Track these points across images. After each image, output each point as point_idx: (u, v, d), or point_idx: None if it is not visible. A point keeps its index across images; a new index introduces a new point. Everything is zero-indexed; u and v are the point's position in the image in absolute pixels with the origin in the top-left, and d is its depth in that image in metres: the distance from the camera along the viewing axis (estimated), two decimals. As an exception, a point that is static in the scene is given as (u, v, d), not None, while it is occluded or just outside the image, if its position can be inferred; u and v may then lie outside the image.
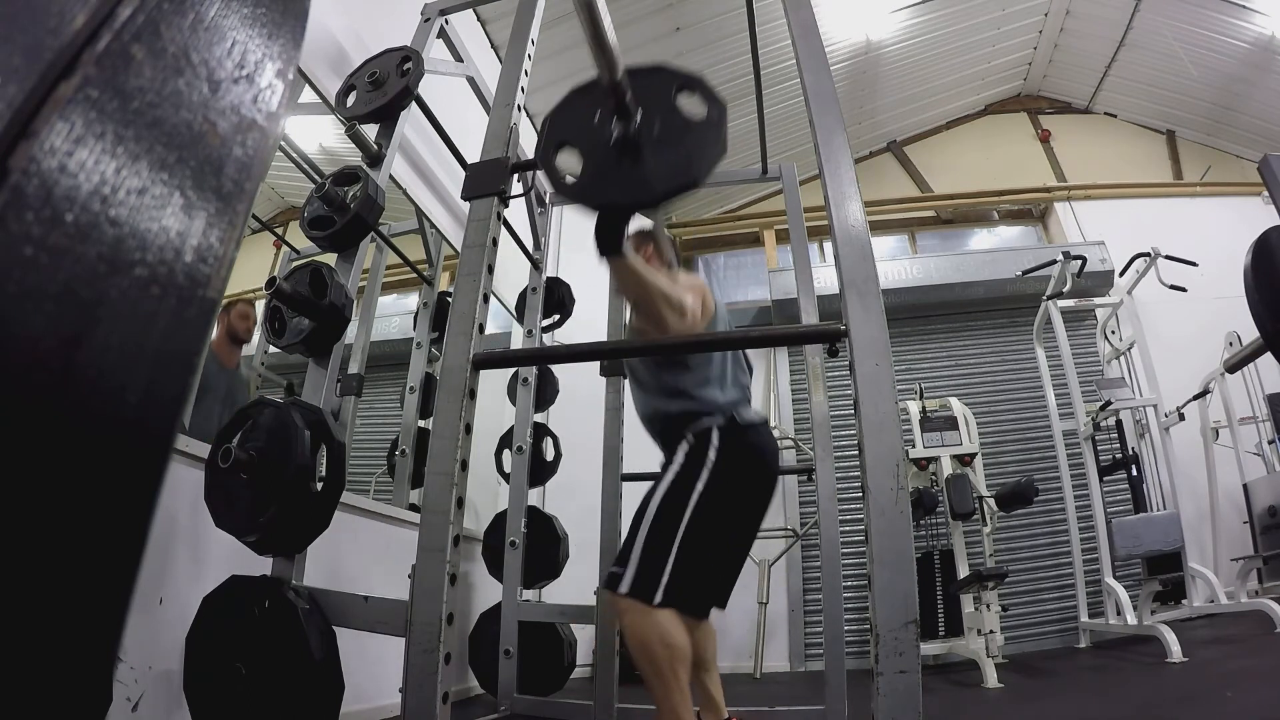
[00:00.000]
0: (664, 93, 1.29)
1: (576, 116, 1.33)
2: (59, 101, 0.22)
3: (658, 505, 1.51)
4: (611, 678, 2.18)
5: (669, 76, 1.31)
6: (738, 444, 1.58)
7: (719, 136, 1.21)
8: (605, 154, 1.27)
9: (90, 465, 0.24)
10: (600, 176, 1.27)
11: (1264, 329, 1.17)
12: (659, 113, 1.26)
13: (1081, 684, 2.79)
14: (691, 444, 1.58)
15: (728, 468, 1.54)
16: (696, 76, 1.31)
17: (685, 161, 1.21)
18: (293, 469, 1.39)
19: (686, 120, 1.25)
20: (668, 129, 1.25)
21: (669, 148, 1.23)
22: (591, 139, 1.29)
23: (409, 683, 1.08)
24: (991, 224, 5.90)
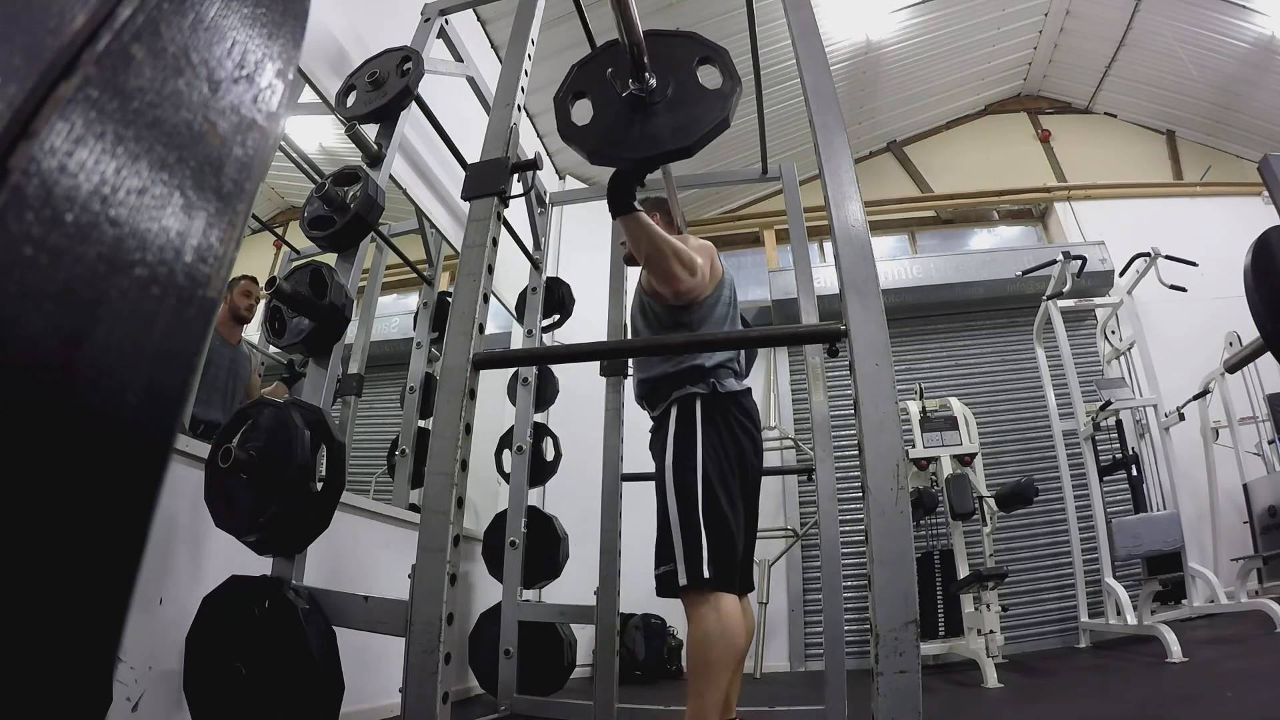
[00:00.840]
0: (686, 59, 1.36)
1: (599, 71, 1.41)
2: (59, 101, 0.22)
3: (673, 485, 1.55)
4: (611, 678, 2.17)
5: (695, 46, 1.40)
6: (720, 407, 1.64)
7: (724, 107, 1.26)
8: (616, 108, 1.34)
9: (90, 465, 0.24)
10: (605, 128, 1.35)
11: (1264, 329, 1.17)
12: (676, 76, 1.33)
13: (1081, 684, 2.79)
14: (679, 409, 1.64)
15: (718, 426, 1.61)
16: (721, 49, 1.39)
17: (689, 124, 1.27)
18: (293, 469, 1.39)
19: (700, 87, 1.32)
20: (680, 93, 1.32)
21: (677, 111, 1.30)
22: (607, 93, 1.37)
23: (409, 683, 1.08)
24: (991, 224, 5.90)
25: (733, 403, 1.67)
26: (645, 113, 1.31)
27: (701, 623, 1.44)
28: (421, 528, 1.15)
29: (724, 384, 1.67)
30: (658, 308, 1.75)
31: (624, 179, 1.44)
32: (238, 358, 2.76)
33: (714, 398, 1.64)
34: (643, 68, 1.28)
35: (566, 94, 1.41)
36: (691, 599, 1.46)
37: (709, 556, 1.46)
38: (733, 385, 1.69)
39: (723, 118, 1.27)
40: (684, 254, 1.58)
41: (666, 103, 1.31)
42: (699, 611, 1.45)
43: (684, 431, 1.61)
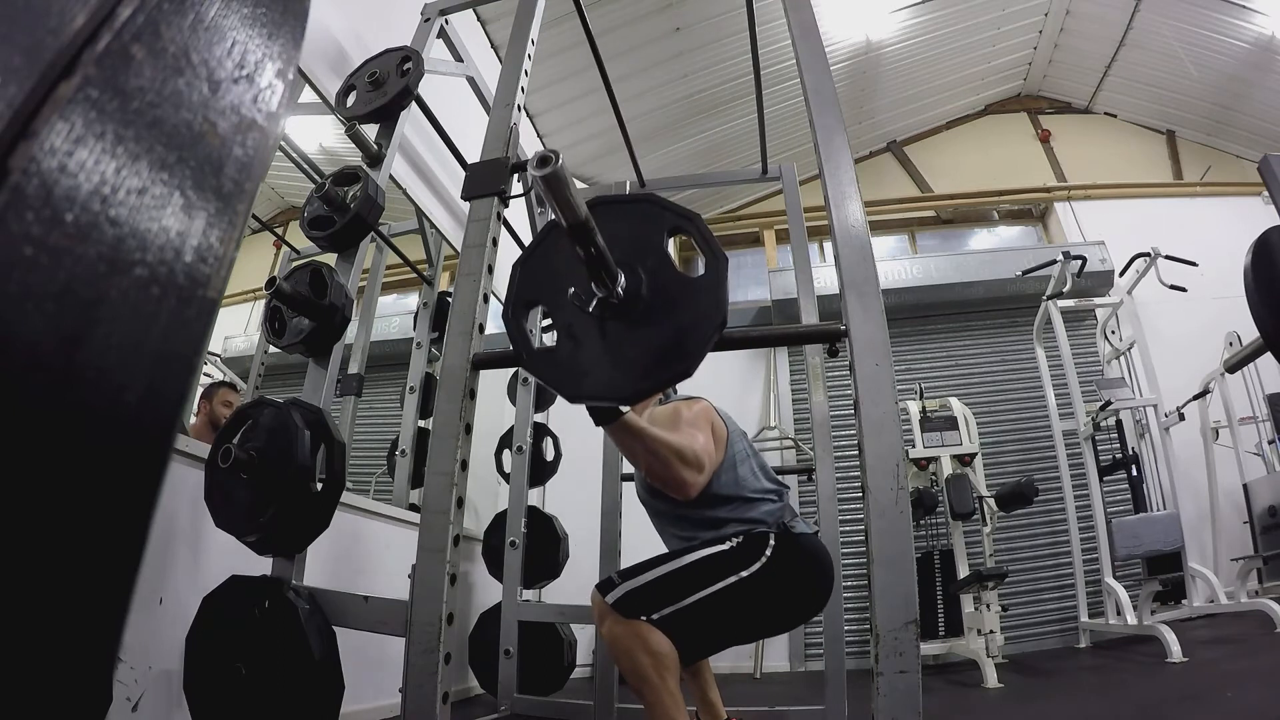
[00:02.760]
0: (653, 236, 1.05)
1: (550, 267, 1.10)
2: (59, 101, 0.22)
3: (692, 561, 1.39)
4: (611, 678, 2.18)
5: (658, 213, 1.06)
6: (796, 553, 1.44)
7: (718, 305, 0.99)
8: (583, 326, 1.04)
9: (90, 465, 0.24)
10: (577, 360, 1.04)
11: (1264, 329, 1.17)
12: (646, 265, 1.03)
13: (1081, 684, 2.79)
14: (743, 541, 1.42)
15: (780, 572, 1.40)
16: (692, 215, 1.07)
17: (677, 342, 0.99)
18: (293, 469, 1.39)
19: (681, 279, 1.03)
20: (657, 291, 1.02)
21: (659, 319, 1.01)
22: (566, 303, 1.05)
23: (409, 683, 1.08)
24: (991, 224, 5.90)
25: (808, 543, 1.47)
26: (621, 324, 1.01)
27: (617, 640, 1.31)
28: (421, 528, 1.15)
29: (794, 525, 1.49)
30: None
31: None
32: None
33: (786, 538, 1.44)
34: (609, 270, 0.97)
35: (516, 305, 1.10)
36: (605, 611, 1.34)
37: (658, 620, 1.30)
38: (802, 527, 1.51)
39: (721, 319, 0.98)
40: (687, 452, 1.37)
41: (645, 306, 1.01)
42: (610, 625, 1.33)
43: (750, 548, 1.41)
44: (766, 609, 1.44)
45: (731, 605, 1.37)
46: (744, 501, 1.51)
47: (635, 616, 1.31)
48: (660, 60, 4.68)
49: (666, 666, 1.30)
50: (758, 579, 1.38)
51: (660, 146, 5.24)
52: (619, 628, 1.32)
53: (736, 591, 1.36)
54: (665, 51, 4.65)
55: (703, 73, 4.87)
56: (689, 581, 1.36)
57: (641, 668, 1.30)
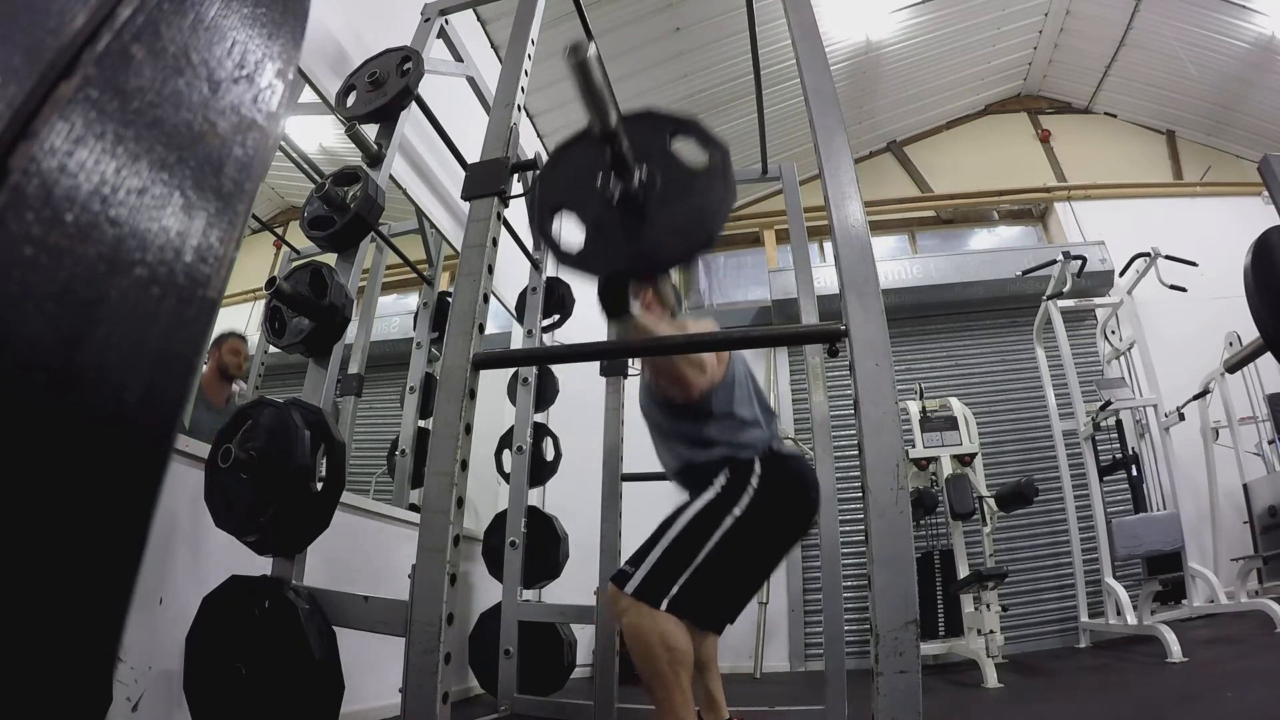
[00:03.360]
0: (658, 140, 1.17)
1: (570, 175, 1.22)
2: (59, 101, 0.22)
3: (689, 521, 1.46)
4: (611, 678, 2.17)
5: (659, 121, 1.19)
6: (780, 474, 1.54)
7: (725, 184, 1.12)
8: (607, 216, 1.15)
9: (90, 465, 0.24)
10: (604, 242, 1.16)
11: (1264, 329, 1.17)
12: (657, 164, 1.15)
13: (1081, 684, 2.79)
14: (729, 474, 1.52)
15: (769, 496, 1.49)
16: (689, 119, 1.20)
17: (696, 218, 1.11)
18: (293, 469, 1.39)
19: (688, 170, 1.15)
20: (670, 182, 1.14)
21: (675, 203, 1.13)
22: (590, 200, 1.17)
23: (409, 683, 1.08)
24: (991, 224, 5.90)
25: (794, 461, 1.58)
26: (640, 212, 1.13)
27: (636, 633, 1.35)
28: (421, 528, 1.15)
29: (779, 446, 1.58)
30: (674, 403, 1.63)
31: (617, 280, 1.28)
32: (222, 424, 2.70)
33: (772, 460, 1.54)
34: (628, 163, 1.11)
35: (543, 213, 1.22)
36: (625, 604, 1.39)
37: (676, 593, 1.36)
38: (787, 449, 1.60)
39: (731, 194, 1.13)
40: (693, 355, 1.48)
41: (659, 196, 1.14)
42: (630, 618, 1.37)
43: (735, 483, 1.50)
44: (766, 535, 1.51)
45: (736, 546, 1.43)
46: (735, 423, 1.59)
47: (656, 602, 1.36)
48: (660, 60, 4.68)
49: (681, 663, 1.34)
50: (751, 509, 1.46)
51: (660, 146, 5.23)
52: (643, 620, 1.36)
53: (736, 530, 1.44)
54: (665, 51, 4.65)
55: (703, 73, 4.87)
56: (692, 541, 1.42)
57: (658, 663, 1.33)
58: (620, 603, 1.41)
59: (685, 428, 1.63)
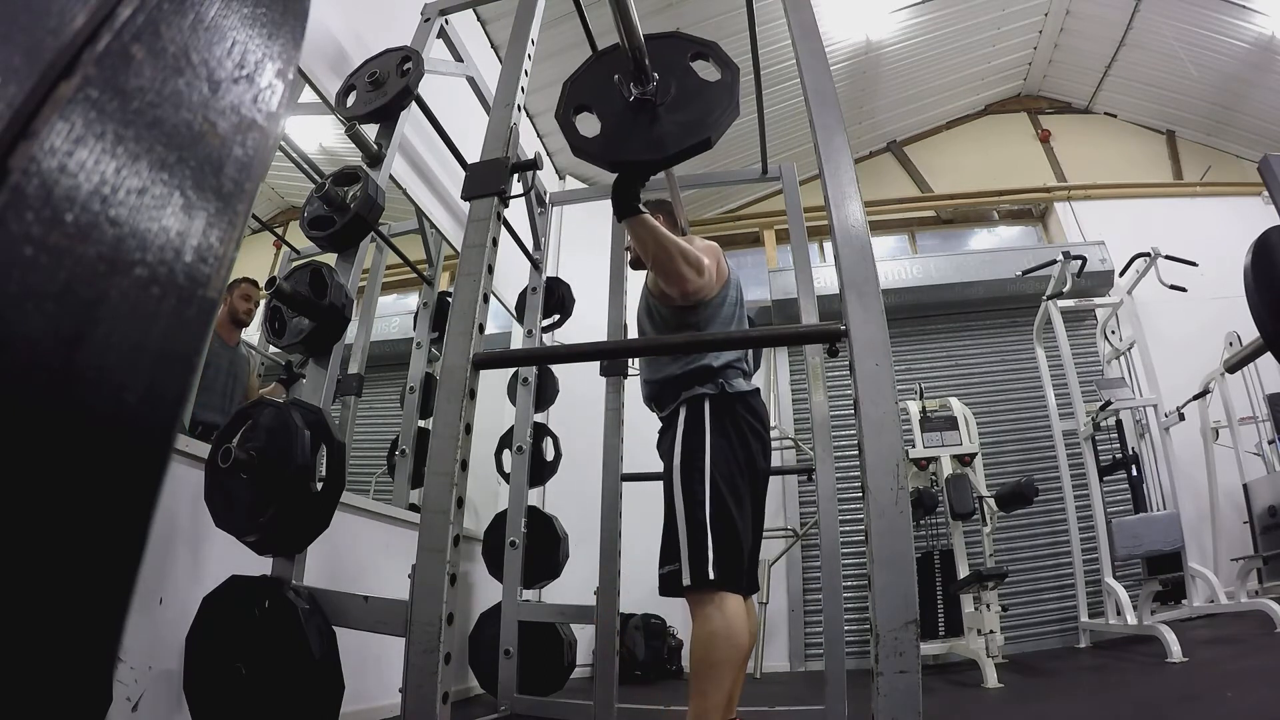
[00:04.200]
0: (679, 58, 1.35)
1: (595, 81, 1.40)
2: (59, 101, 0.22)
3: (680, 485, 1.55)
4: (611, 678, 2.17)
5: (684, 43, 1.38)
6: (729, 407, 1.63)
7: (731, 95, 1.27)
8: (623, 114, 1.33)
9: (90, 465, 0.24)
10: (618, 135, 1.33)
11: (1264, 329, 1.17)
12: (674, 76, 1.32)
13: (1081, 684, 2.79)
14: (687, 410, 1.63)
15: (726, 427, 1.60)
16: (710, 42, 1.37)
17: (699, 118, 1.26)
18: (293, 469, 1.39)
19: (701, 82, 1.31)
20: (683, 91, 1.31)
21: (684, 107, 1.29)
22: (609, 100, 1.35)
23: (409, 683, 1.08)
24: (991, 224, 5.90)
25: (741, 403, 1.66)
26: (653, 114, 1.30)
27: (706, 623, 1.43)
28: (421, 528, 1.15)
29: (732, 384, 1.66)
30: (664, 310, 1.74)
31: (628, 181, 1.42)
32: (236, 359, 2.77)
33: (723, 398, 1.64)
34: (645, 71, 1.28)
35: (567, 109, 1.40)
36: (696, 599, 1.46)
37: (714, 558, 1.45)
38: (741, 385, 1.69)
39: (733, 104, 1.27)
40: (690, 254, 1.58)
41: (671, 102, 1.31)
42: (704, 611, 1.44)
43: (692, 432, 1.60)
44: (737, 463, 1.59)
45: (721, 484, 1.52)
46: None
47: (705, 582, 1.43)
48: (660, 60, 4.68)
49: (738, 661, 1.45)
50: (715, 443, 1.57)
51: (660, 146, 5.23)
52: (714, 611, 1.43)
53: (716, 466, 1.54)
54: (665, 51, 4.65)
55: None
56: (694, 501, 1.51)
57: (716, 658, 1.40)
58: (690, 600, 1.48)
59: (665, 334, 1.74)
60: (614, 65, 1.36)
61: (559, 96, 1.44)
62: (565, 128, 1.37)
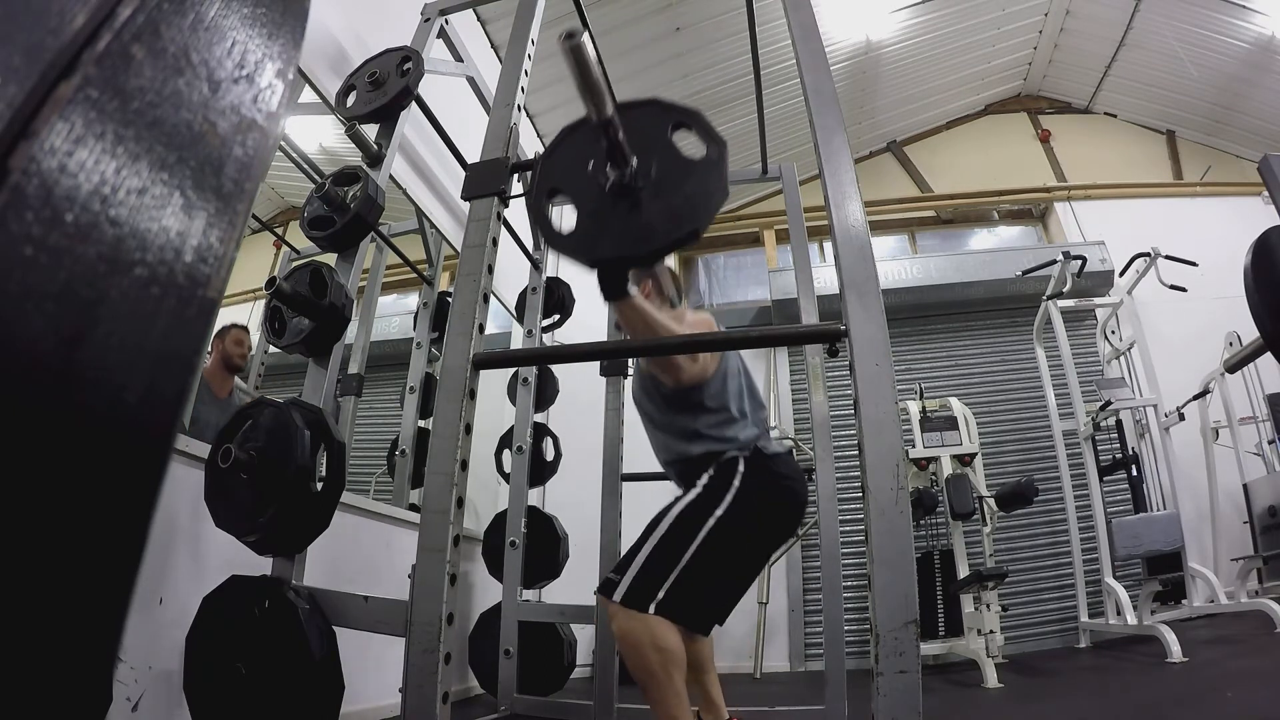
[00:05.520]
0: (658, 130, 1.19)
1: (569, 160, 1.25)
2: (59, 101, 0.22)
3: (670, 523, 1.47)
4: (611, 678, 2.17)
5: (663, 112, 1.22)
6: (765, 473, 1.54)
7: (720, 178, 1.13)
8: (601, 202, 1.18)
9: (90, 465, 0.24)
10: (596, 228, 1.18)
11: (1264, 329, 1.17)
12: (654, 153, 1.17)
13: (1081, 684, 2.79)
14: (714, 473, 1.53)
15: (753, 496, 1.50)
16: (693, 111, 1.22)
17: (686, 207, 1.13)
18: (293, 469, 1.39)
19: (685, 161, 1.17)
20: (665, 171, 1.16)
21: (668, 192, 1.15)
22: (585, 186, 1.20)
23: (409, 683, 1.08)
24: (991, 224, 5.90)
25: (778, 462, 1.57)
26: (634, 200, 1.16)
27: (627, 636, 1.36)
28: (421, 528, 1.15)
29: (766, 445, 1.58)
30: (665, 389, 1.65)
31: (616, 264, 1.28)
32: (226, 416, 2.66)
33: (758, 459, 1.54)
34: (622, 151, 1.13)
35: (540, 196, 1.25)
36: (614, 610, 1.39)
37: (664, 597, 1.36)
38: (775, 447, 1.61)
39: (722, 186, 1.13)
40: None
41: (654, 185, 1.16)
42: (620, 623, 1.38)
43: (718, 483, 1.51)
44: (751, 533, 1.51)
45: (721, 546, 1.43)
46: (725, 418, 1.60)
47: (644, 608, 1.36)
48: (660, 60, 4.68)
49: (674, 663, 1.35)
50: (733, 510, 1.46)
51: (660, 146, 5.23)
52: (631, 623, 1.36)
53: (718, 532, 1.44)
54: (665, 51, 4.65)
55: (703, 73, 4.86)
56: (675, 545, 1.42)
57: (649, 664, 1.34)
58: (609, 609, 1.42)
59: (675, 420, 1.64)
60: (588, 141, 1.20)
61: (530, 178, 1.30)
62: (539, 219, 1.25)
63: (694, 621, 1.45)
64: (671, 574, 1.39)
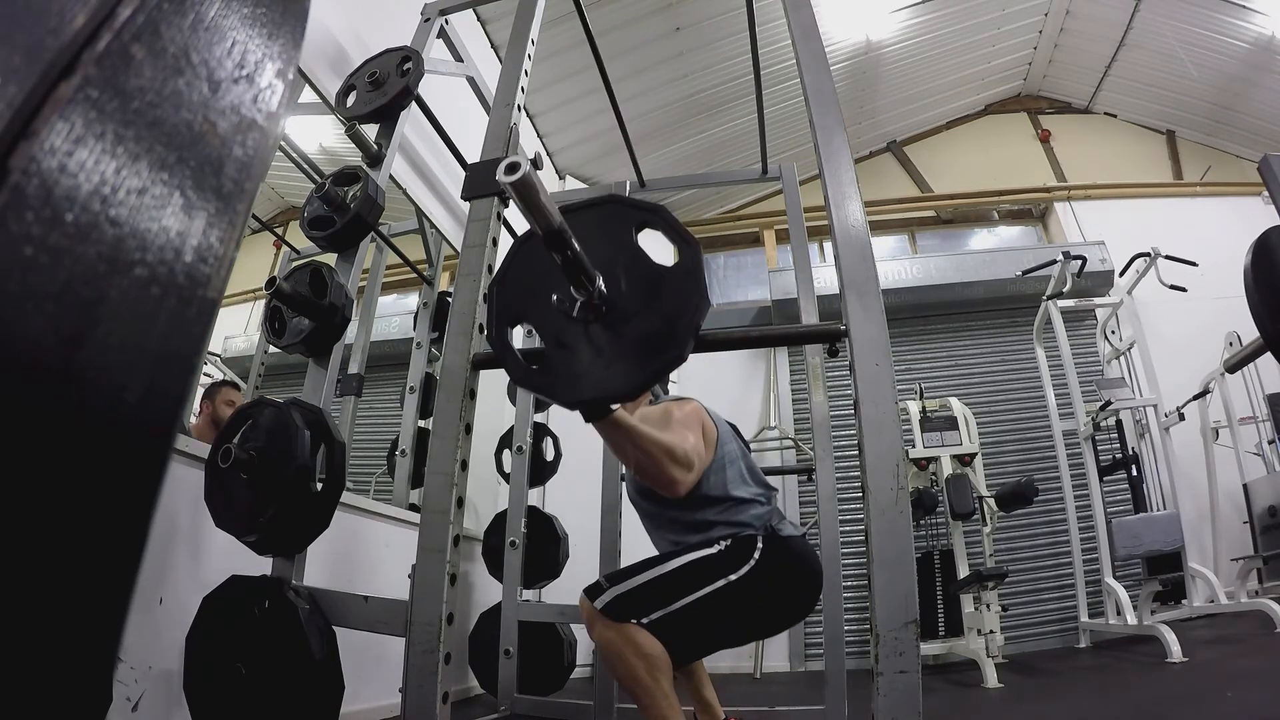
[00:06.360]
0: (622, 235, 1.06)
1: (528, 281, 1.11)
2: (59, 101, 0.22)
3: (681, 565, 1.40)
4: (611, 678, 2.17)
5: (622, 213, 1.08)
6: (783, 555, 1.46)
7: (698, 285, 1.00)
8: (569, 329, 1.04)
9: (90, 465, 0.24)
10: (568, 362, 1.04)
11: (1264, 329, 1.17)
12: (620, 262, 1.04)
13: (1081, 684, 2.79)
14: (731, 544, 1.45)
15: (768, 575, 1.43)
16: (655, 207, 1.08)
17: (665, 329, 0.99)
18: (293, 469, 1.39)
19: (656, 270, 1.04)
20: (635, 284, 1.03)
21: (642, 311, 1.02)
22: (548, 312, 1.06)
23: (409, 683, 1.08)
24: (991, 224, 5.90)
25: (796, 545, 1.49)
26: (605, 322, 1.02)
27: (609, 645, 1.33)
28: (421, 528, 1.15)
29: (781, 528, 1.50)
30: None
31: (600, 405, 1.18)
32: None
33: (773, 540, 1.46)
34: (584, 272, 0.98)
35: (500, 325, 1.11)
36: (593, 616, 1.36)
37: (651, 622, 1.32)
38: (789, 529, 1.52)
39: (702, 296, 1.00)
40: (678, 452, 1.35)
41: (624, 305, 1.02)
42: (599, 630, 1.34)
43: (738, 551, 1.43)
44: (756, 611, 1.46)
45: (721, 608, 1.38)
46: (732, 504, 1.52)
47: (625, 620, 1.33)
48: (660, 60, 4.68)
49: (659, 668, 1.31)
50: (746, 582, 1.40)
51: (660, 146, 5.24)
52: (609, 632, 1.33)
53: (725, 594, 1.38)
54: (665, 51, 4.65)
55: (703, 73, 4.86)
56: (678, 586, 1.37)
57: (633, 670, 1.31)
58: (588, 614, 1.38)
59: (678, 514, 1.55)
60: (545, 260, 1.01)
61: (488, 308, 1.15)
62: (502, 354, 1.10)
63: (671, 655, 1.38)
64: (662, 610, 1.34)
